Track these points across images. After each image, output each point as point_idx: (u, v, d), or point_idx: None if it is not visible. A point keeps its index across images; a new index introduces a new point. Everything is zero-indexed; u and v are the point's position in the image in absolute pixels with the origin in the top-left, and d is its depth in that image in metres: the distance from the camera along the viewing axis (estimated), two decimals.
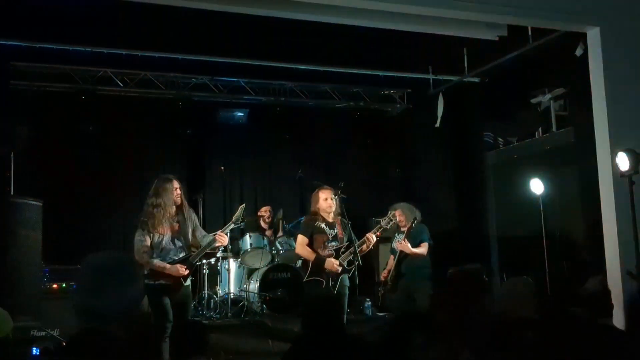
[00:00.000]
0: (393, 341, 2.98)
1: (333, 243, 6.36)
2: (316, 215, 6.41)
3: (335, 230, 6.41)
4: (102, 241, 8.93)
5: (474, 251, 9.20)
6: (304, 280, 6.32)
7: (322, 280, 6.20)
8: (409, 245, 7.11)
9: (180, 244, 5.76)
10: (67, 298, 6.86)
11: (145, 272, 5.65)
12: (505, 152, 9.25)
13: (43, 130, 8.64)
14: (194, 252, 5.82)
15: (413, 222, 7.14)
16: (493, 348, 3.03)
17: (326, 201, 6.34)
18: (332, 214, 6.40)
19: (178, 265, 5.62)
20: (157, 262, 5.60)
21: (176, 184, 5.77)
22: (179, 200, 5.77)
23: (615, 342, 3.22)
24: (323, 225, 6.37)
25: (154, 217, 5.66)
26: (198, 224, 6.00)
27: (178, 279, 5.62)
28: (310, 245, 6.33)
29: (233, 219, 5.99)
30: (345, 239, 6.39)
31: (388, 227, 6.70)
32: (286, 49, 8.44)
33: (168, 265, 5.60)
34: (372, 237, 6.36)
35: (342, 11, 6.21)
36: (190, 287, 5.95)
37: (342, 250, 6.32)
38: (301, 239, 6.38)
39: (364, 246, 6.35)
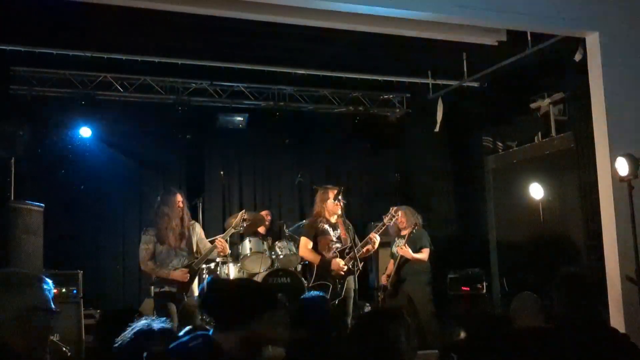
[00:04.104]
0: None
1: (337, 245, 6.28)
2: (320, 216, 6.34)
3: (339, 232, 6.32)
4: (102, 246, 8.94)
5: (473, 256, 9.19)
6: (310, 285, 6.21)
7: (328, 284, 6.07)
8: (410, 250, 7.12)
9: (184, 254, 5.90)
10: (67, 303, 6.88)
11: (153, 280, 5.88)
12: (504, 157, 9.25)
13: (43, 136, 8.63)
14: (196, 258, 5.95)
15: (413, 228, 7.16)
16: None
17: (334, 202, 6.26)
18: (335, 216, 6.34)
19: (181, 271, 5.72)
20: (161, 270, 5.79)
21: (179, 197, 5.94)
22: (181, 212, 5.92)
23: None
24: (326, 226, 6.28)
25: (159, 227, 5.86)
26: (203, 236, 6.09)
27: (183, 285, 5.72)
28: (313, 248, 6.25)
29: (233, 225, 6.06)
30: (349, 240, 6.28)
31: (391, 224, 6.62)
32: (285, 53, 8.46)
33: (172, 272, 5.72)
34: (376, 236, 6.24)
35: (341, 16, 6.20)
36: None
37: (347, 251, 6.21)
38: (305, 242, 6.30)
39: (369, 246, 6.20)
